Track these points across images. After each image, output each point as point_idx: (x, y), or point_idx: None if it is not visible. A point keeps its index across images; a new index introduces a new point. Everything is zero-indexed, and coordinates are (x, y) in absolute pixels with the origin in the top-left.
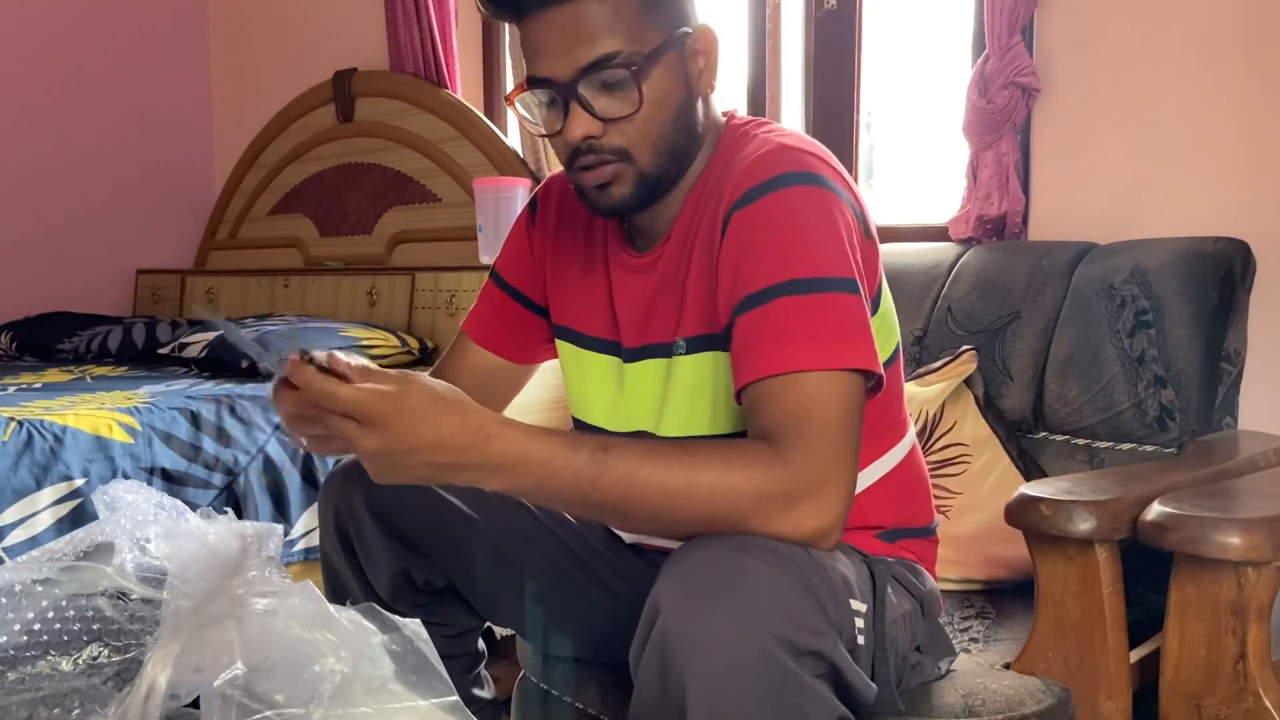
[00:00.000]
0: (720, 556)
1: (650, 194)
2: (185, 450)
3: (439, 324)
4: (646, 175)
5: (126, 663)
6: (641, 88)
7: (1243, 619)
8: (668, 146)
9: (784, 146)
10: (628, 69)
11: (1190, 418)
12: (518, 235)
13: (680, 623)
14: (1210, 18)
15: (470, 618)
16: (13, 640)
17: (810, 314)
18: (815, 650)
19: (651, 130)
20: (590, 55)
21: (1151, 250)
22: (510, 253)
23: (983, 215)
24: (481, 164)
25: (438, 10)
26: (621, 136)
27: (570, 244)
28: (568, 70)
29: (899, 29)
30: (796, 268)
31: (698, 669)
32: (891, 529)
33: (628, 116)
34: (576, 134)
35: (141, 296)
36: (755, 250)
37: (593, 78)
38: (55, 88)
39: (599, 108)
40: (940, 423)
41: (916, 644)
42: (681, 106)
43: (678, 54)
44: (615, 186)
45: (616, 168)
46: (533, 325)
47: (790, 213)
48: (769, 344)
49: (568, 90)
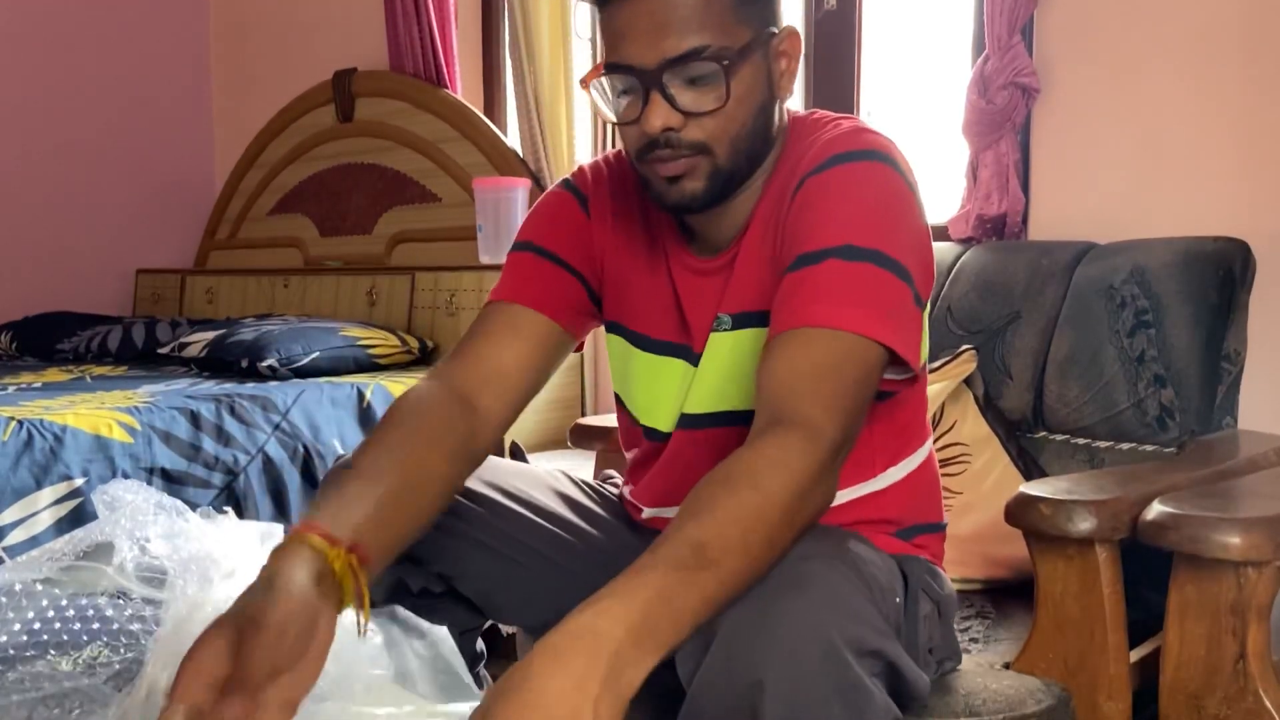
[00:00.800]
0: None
1: (722, 191)
2: (185, 450)
3: (439, 324)
4: (721, 170)
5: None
6: (730, 83)
7: (1243, 619)
8: (746, 145)
9: (860, 128)
10: (718, 63)
11: (1190, 417)
12: (567, 217)
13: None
14: (1210, 18)
15: (469, 617)
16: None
17: (857, 280)
18: (876, 649)
19: (732, 127)
20: (679, 47)
21: (1151, 250)
22: (557, 230)
23: (983, 215)
24: (481, 164)
25: (438, 10)
26: (701, 131)
27: (630, 245)
28: (653, 58)
29: (899, 29)
30: (856, 235)
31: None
32: (909, 526)
33: (711, 112)
34: (656, 124)
35: (141, 296)
36: (819, 214)
37: (679, 69)
38: (55, 88)
39: (682, 100)
40: (940, 422)
41: (929, 646)
42: (763, 106)
43: (764, 53)
44: (688, 180)
45: (691, 160)
46: (582, 296)
47: (859, 184)
48: (808, 299)
49: (651, 79)
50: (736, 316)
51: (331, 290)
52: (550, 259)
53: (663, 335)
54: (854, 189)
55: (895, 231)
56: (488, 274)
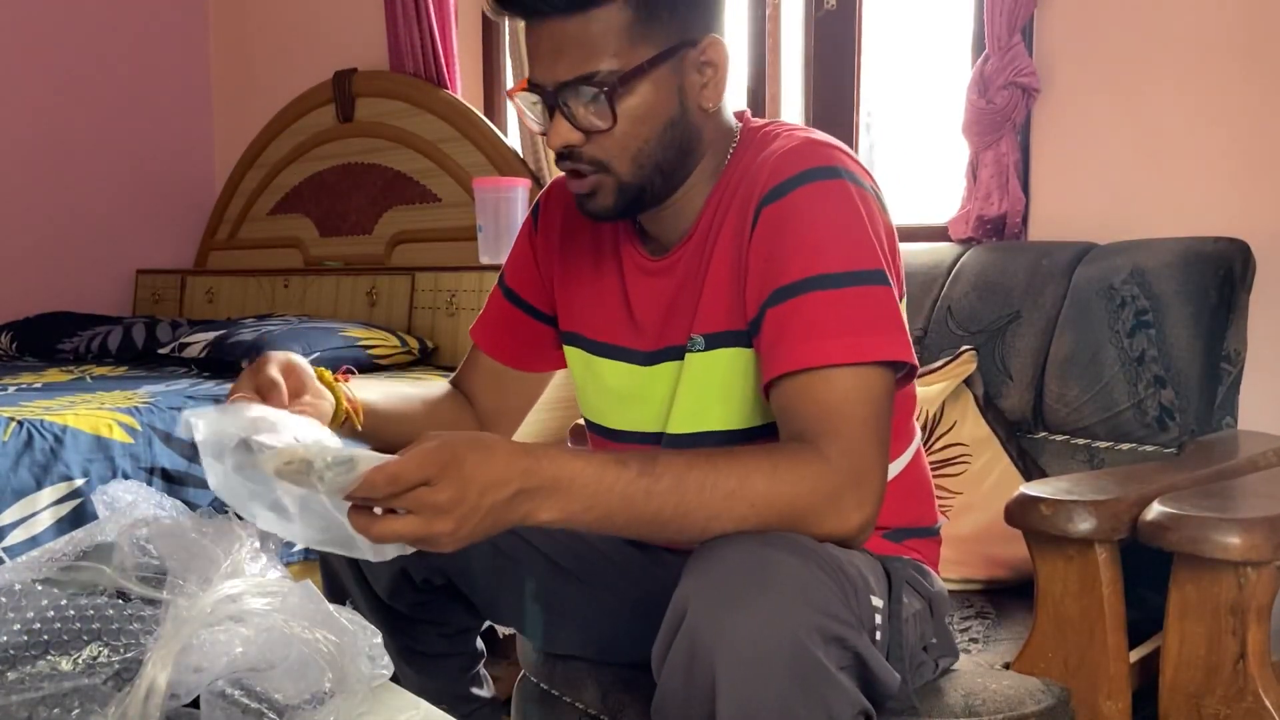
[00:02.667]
0: (746, 552)
1: (634, 204)
2: (185, 450)
3: (439, 324)
4: (627, 187)
5: (126, 663)
6: (615, 107)
7: (1243, 619)
8: (650, 160)
9: (810, 141)
10: (600, 89)
11: (1190, 418)
12: (521, 244)
13: (710, 617)
14: (1210, 18)
15: (469, 617)
16: (13, 640)
17: (841, 307)
18: (842, 638)
19: (631, 145)
20: (570, 72)
21: (1151, 250)
22: (515, 262)
23: (983, 215)
24: (481, 164)
25: (438, 10)
26: (600, 150)
27: (578, 249)
28: (550, 79)
29: (899, 29)
30: (826, 261)
31: (727, 660)
32: (897, 529)
33: (604, 131)
34: (556, 142)
35: (141, 296)
36: (785, 244)
37: (571, 91)
38: (55, 88)
39: (579, 119)
40: (940, 423)
41: (924, 644)
42: (671, 121)
43: (672, 68)
44: (596, 198)
45: (596, 179)
46: (541, 334)
47: (819, 207)
48: (799, 338)
49: (551, 98)
50: (709, 337)
51: (331, 290)
52: (513, 301)
53: (614, 338)
54: (813, 213)
55: (861, 243)
56: (488, 274)
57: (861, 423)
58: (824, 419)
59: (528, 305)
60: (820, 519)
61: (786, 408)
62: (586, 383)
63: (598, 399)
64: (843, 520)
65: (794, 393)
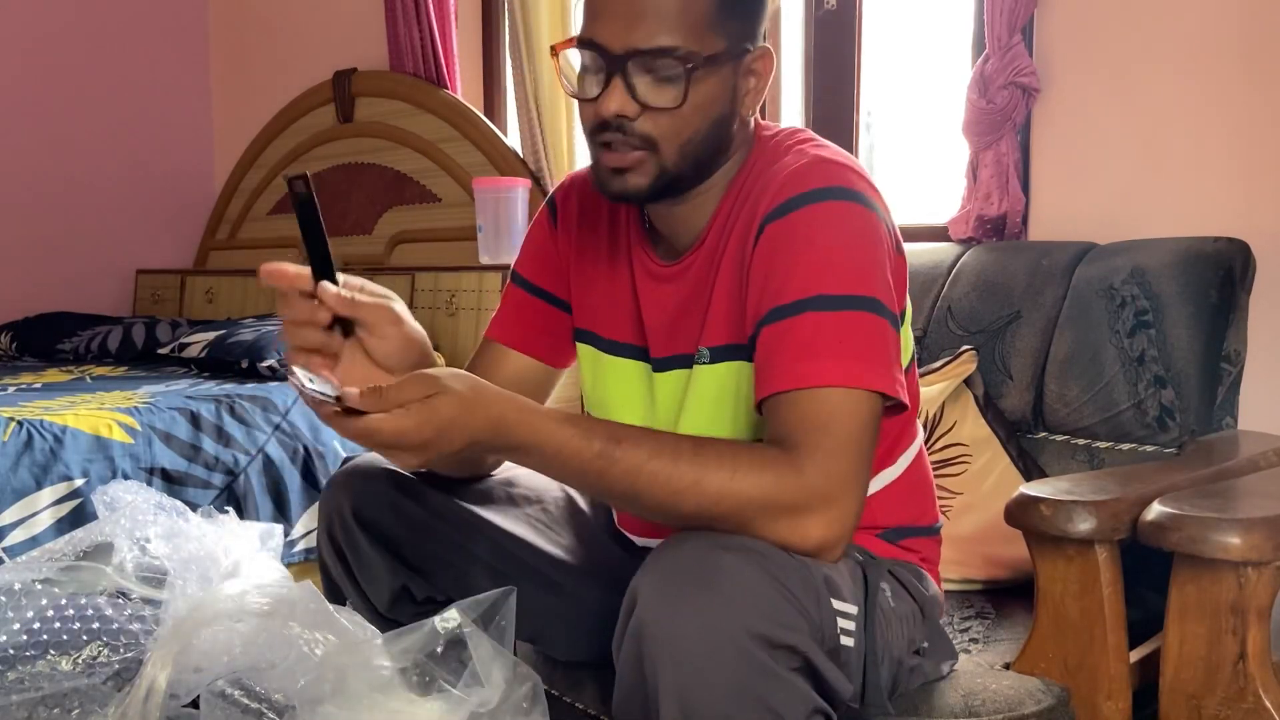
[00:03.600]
0: (698, 551)
1: (665, 190)
2: (185, 450)
3: (439, 324)
4: (667, 171)
5: (126, 663)
6: (689, 88)
7: (1243, 619)
8: (694, 151)
9: (821, 159)
10: (683, 65)
11: (1190, 418)
12: (540, 237)
13: (655, 614)
14: (1210, 18)
15: None
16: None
17: (836, 331)
18: (789, 645)
19: (684, 130)
20: (650, 40)
21: (1151, 250)
22: (533, 254)
23: (983, 215)
24: (481, 164)
25: (438, 10)
26: (654, 126)
27: (593, 248)
28: (622, 44)
29: (899, 29)
30: (826, 283)
31: (669, 659)
32: (894, 528)
33: (667, 109)
34: (610, 108)
35: (141, 297)
36: (786, 263)
37: (644, 61)
38: (55, 88)
39: (641, 91)
40: (940, 423)
41: (915, 648)
42: (721, 118)
43: (733, 68)
44: (633, 174)
45: (640, 155)
46: (563, 325)
47: (825, 228)
48: (792, 358)
49: (616, 63)
50: (715, 350)
51: None
52: (533, 292)
53: (624, 338)
54: (816, 233)
55: (862, 268)
56: (488, 274)
57: (844, 442)
58: (808, 433)
59: (550, 296)
60: (772, 525)
61: (773, 421)
62: (595, 380)
63: (605, 396)
64: (800, 533)
65: (781, 408)
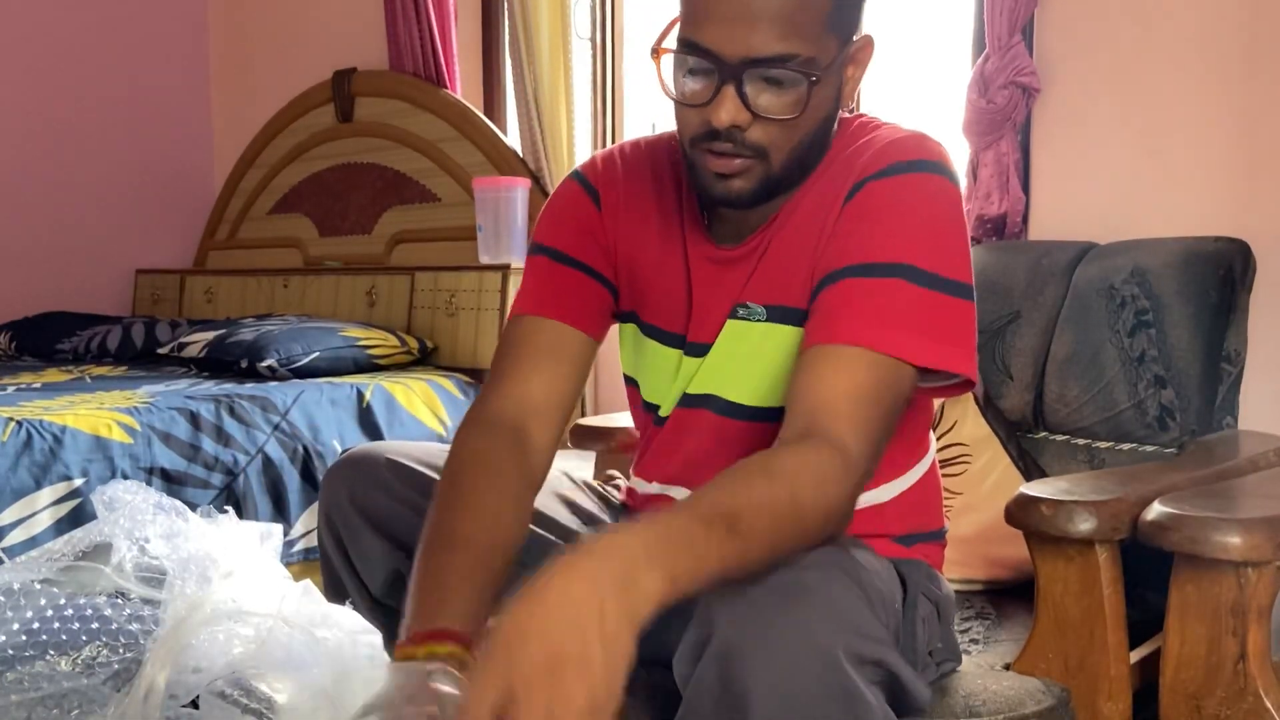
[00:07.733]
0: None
1: (769, 194)
2: (185, 450)
3: (438, 324)
4: (774, 176)
5: (126, 663)
6: (810, 99)
7: (1243, 619)
8: (803, 153)
9: (920, 135)
10: (804, 75)
11: (1190, 418)
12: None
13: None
14: (1210, 18)
15: None
16: (12, 640)
17: (921, 306)
18: (876, 659)
19: (795, 137)
20: (768, 48)
21: (1151, 250)
22: (570, 228)
23: (983, 215)
24: (481, 164)
25: (438, 10)
26: (765, 135)
27: (644, 234)
28: (737, 52)
29: (899, 29)
30: (922, 256)
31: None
32: (908, 535)
33: (783, 120)
34: (724, 119)
35: (141, 296)
36: (884, 222)
37: (762, 70)
38: (55, 88)
39: (756, 101)
40: (940, 423)
41: (929, 648)
42: (828, 117)
43: (842, 63)
44: (740, 180)
45: (748, 163)
46: (604, 297)
47: (927, 200)
48: (870, 316)
49: (731, 72)
50: (772, 309)
51: (331, 290)
52: (567, 263)
53: (669, 325)
54: (918, 204)
55: (955, 251)
56: (488, 274)
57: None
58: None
59: (590, 269)
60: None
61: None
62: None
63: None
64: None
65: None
